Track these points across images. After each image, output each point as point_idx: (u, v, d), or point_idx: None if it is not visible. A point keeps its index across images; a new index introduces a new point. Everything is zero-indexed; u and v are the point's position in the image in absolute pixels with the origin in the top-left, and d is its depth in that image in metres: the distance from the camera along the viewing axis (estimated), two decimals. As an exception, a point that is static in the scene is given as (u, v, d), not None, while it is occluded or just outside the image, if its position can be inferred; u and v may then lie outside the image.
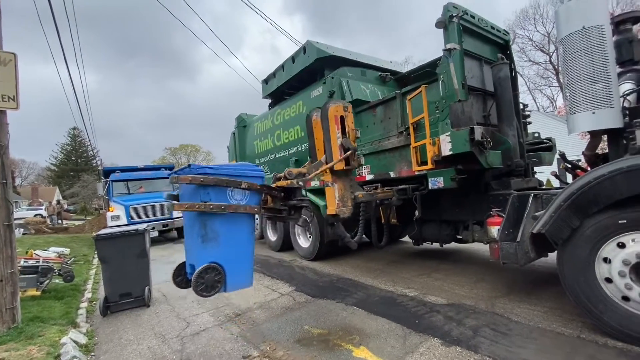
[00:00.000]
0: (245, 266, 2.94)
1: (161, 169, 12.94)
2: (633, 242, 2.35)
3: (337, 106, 3.68)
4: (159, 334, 3.40)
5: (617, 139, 2.84)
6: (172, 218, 10.65)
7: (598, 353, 2.38)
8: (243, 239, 2.94)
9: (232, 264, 2.76)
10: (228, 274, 2.71)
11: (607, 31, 2.73)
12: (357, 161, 3.72)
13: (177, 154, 51.57)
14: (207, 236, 2.71)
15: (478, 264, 5.03)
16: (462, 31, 3.71)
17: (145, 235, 4.50)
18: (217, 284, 2.65)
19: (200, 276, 2.56)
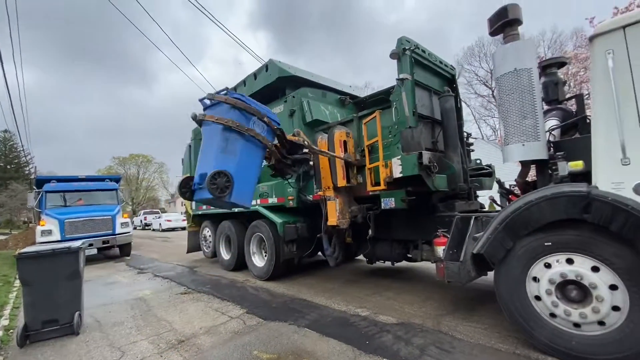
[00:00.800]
0: (249, 188, 3.42)
1: (106, 180, 11.96)
2: (557, 262, 2.60)
3: (341, 132, 4.50)
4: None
5: (543, 168, 3.19)
6: (114, 234, 9.79)
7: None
8: (254, 166, 3.46)
9: (240, 181, 3.17)
10: (235, 186, 3.12)
11: (535, 74, 3.11)
12: (356, 179, 4.52)
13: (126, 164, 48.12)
14: (227, 149, 3.21)
15: (427, 282, 5.24)
16: (413, 63, 3.99)
17: (80, 254, 4.06)
18: (226, 189, 3.06)
19: (214, 177, 3.00)
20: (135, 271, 7.93)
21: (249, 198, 3.51)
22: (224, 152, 3.25)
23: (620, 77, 2.38)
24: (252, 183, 3.50)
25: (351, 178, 4.51)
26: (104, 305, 5.00)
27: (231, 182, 3.13)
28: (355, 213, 4.59)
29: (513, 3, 3.19)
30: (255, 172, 3.54)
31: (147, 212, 32.71)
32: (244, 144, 3.39)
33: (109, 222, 9.81)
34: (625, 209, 2.24)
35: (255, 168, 3.54)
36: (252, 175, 3.48)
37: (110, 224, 9.82)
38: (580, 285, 2.50)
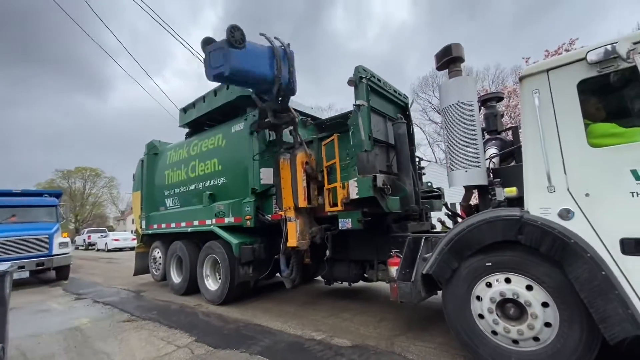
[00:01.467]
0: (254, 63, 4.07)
1: (44, 195, 10.88)
2: (497, 282, 2.78)
3: (303, 154, 4.63)
4: None
5: (484, 193, 3.45)
6: (50, 255, 8.83)
7: None
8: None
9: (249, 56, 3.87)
10: (247, 49, 3.76)
11: (475, 106, 3.41)
12: (317, 200, 4.60)
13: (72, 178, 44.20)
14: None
15: (382, 302, 5.31)
16: (369, 91, 4.19)
17: (5, 278, 3.57)
18: (242, 41, 3.63)
19: (232, 30, 3.55)
20: (72, 297, 7.15)
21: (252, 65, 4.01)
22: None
23: (544, 114, 2.68)
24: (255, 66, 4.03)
25: (312, 199, 4.54)
26: (33, 336, 4.42)
27: (244, 41, 3.70)
28: (314, 234, 4.59)
29: (456, 43, 3.53)
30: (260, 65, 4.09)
31: (92, 231, 30.04)
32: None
33: (44, 242, 8.85)
34: (552, 232, 2.47)
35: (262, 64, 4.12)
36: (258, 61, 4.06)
37: (46, 244, 8.86)
38: (517, 303, 2.68)
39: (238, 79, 4.18)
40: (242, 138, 5.58)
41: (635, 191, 2.24)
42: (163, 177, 7.31)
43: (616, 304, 2.22)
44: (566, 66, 2.60)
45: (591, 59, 2.42)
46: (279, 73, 4.21)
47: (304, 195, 4.46)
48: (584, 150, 2.49)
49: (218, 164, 5.95)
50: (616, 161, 2.34)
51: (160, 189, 7.41)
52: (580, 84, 2.53)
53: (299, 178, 4.47)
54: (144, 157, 7.92)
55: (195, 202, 6.42)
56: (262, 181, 5.28)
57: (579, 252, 2.37)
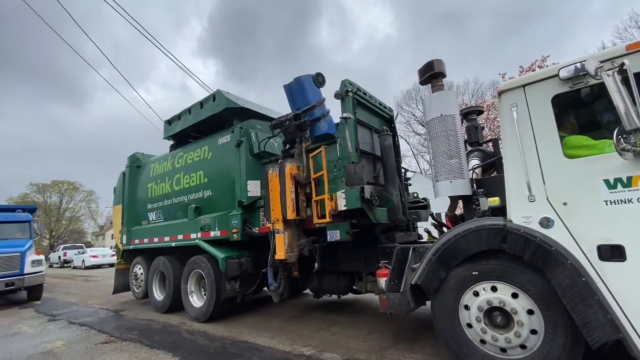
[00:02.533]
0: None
1: (17, 210, 10.38)
2: (484, 290, 2.83)
3: (292, 165, 4.55)
4: None
5: (469, 204, 3.54)
6: (21, 274, 8.38)
7: None
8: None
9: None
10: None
11: (457, 119, 3.53)
12: (305, 212, 4.54)
13: (47, 192, 42.40)
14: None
15: (371, 315, 5.28)
16: (355, 104, 4.28)
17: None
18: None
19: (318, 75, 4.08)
20: (45, 318, 6.76)
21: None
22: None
23: (522, 127, 2.81)
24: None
25: (301, 210, 4.52)
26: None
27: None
28: (302, 246, 4.55)
29: (438, 59, 3.68)
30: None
31: (68, 247, 28.71)
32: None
33: (16, 260, 8.41)
34: (534, 240, 2.55)
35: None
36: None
37: (17, 263, 8.42)
38: (504, 311, 2.73)
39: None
40: (228, 150, 5.55)
41: (608, 199, 2.36)
42: (146, 190, 7.14)
43: (596, 309, 2.29)
44: (541, 82, 2.75)
45: (563, 75, 2.57)
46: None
47: (292, 207, 4.40)
48: (560, 161, 2.61)
49: (204, 176, 5.87)
50: (590, 171, 2.46)
51: (142, 202, 7.22)
52: (555, 99, 2.67)
53: (288, 189, 4.43)
54: (126, 169, 7.73)
55: (180, 215, 6.29)
56: (249, 193, 5.24)
57: (560, 259, 2.46)
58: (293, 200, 4.44)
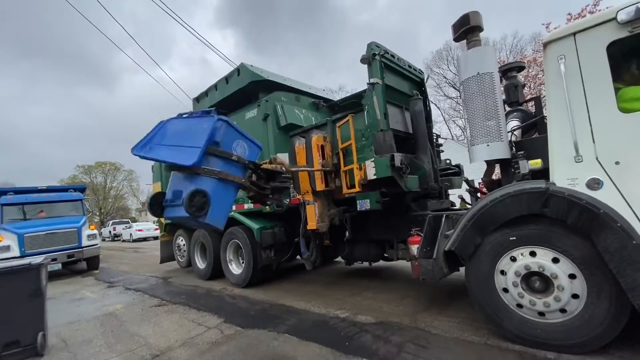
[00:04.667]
0: (225, 210, 3.32)
1: (69, 190, 11.31)
2: (522, 255, 2.75)
3: (319, 137, 4.43)
4: None
5: (507, 167, 3.37)
6: (80, 247, 9.27)
7: (501, 357, 2.67)
8: (231, 188, 3.38)
9: (217, 201, 3.06)
10: (212, 206, 3.02)
11: (496, 77, 3.28)
12: (334, 183, 4.50)
13: (92, 173, 45.60)
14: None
15: (403, 281, 5.36)
16: (383, 68, 4.09)
17: (41, 270, 3.82)
18: (202, 208, 2.97)
19: (192, 195, 2.90)
20: (104, 285, 7.54)
21: (224, 219, 3.38)
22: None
23: (571, 81, 2.56)
24: (228, 204, 3.43)
25: (330, 182, 4.54)
26: (71, 323, 4.72)
27: (208, 202, 3.02)
28: (333, 216, 4.61)
29: (474, 11, 3.37)
30: (232, 194, 3.45)
31: (116, 222, 31.22)
32: (223, 166, 3.29)
33: (73, 235, 9.28)
34: (580, 203, 2.41)
35: (233, 190, 3.45)
36: (229, 197, 3.40)
37: (75, 237, 9.29)
38: (543, 276, 2.66)
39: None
40: (256, 124, 5.59)
41: (670, 157, 2.15)
42: (181, 167, 7.46)
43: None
44: (594, 28, 2.46)
45: (622, 18, 2.28)
46: (237, 180, 3.60)
47: (321, 179, 4.40)
48: (614, 117, 2.38)
49: (234, 151, 6.01)
50: (649, 126, 2.23)
51: (179, 179, 7.58)
52: (610, 46, 2.40)
53: (315, 161, 4.40)
54: (161, 148, 8.07)
55: (214, 190, 6.55)
56: (278, 166, 5.32)
57: (608, 222, 2.32)
58: (322, 171, 4.44)
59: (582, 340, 2.48)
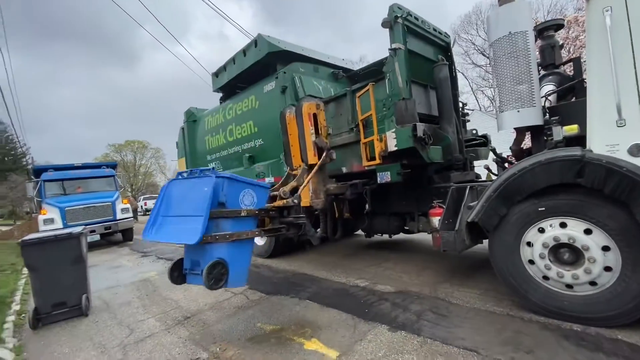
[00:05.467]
0: (244, 267, 3.12)
1: (102, 167, 11.91)
2: (551, 227, 2.64)
3: (311, 104, 3.99)
4: (99, 344, 3.15)
5: (538, 135, 3.16)
6: (115, 220, 9.88)
7: (524, 328, 2.64)
8: (247, 244, 3.15)
9: (235, 264, 2.93)
10: (231, 272, 2.88)
11: (530, 37, 3.01)
12: (329, 156, 4.07)
13: (122, 151, 47.68)
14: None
15: (423, 253, 5.34)
16: (406, 32, 3.86)
17: (81, 239, 4.12)
18: (221, 279, 2.83)
19: (210, 270, 2.75)
20: (138, 255, 8.06)
21: (244, 278, 3.14)
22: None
23: (617, 36, 2.31)
24: (247, 262, 3.19)
25: (324, 155, 4.03)
26: (111, 287, 5.12)
27: (227, 271, 2.87)
28: (332, 192, 4.20)
29: (508, -39, 3.05)
30: (248, 249, 3.21)
31: (147, 198, 32.89)
32: (234, 224, 2.99)
33: (108, 209, 9.87)
34: (620, 170, 2.24)
35: (249, 244, 3.21)
36: (246, 254, 3.17)
37: (110, 210, 9.89)
38: (572, 248, 2.55)
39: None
40: (274, 97, 5.53)
41: None
42: (204, 143, 7.61)
43: (693, 245, 2.02)
44: (650, -28, 2.17)
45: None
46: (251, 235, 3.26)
47: (313, 151, 3.97)
48: (665, 75, 2.14)
49: (254, 125, 6.02)
50: None
51: (202, 154, 7.75)
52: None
53: (307, 132, 3.96)
54: (184, 124, 8.22)
55: (237, 164, 6.65)
56: (298, 139, 5.29)
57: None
58: (314, 142, 4.03)
59: (612, 314, 2.40)
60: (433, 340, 2.58)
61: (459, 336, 2.60)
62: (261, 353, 2.67)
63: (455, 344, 2.48)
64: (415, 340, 2.62)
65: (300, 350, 2.65)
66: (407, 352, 2.45)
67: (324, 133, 4.11)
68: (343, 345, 2.66)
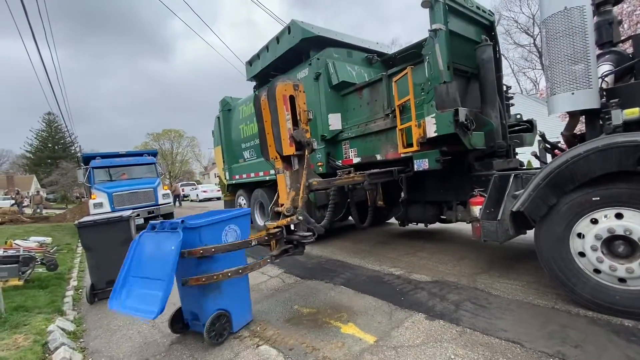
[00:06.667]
0: (246, 304, 3.05)
1: (144, 154, 12.62)
2: (605, 218, 2.47)
3: (286, 84, 3.39)
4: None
5: (594, 119, 2.93)
6: (157, 205, 10.49)
7: (571, 322, 2.53)
8: (243, 280, 3.01)
9: (235, 304, 2.86)
10: (233, 316, 2.81)
11: (588, 12, 2.76)
12: (310, 148, 3.49)
13: (160, 140, 50.14)
14: (209, 287, 2.65)
15: (460, 243, 5.21)
16: (447, 11, 3.68)
17: (130, 222, 4.44)
18: (226, 325, 2.74)
19: (212, 324, 2.62)
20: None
21: (249, 311, 3.08)
22: (208, 291, 2.69)
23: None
24: (247, 297, 3.05)
25: (304, 145, 3.49)
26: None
27: (229, 319, 2.76)
28: (315, 188, 3.71)
29: None
30: (246, 284, 3.04)
31: (184, 185, 34.55)
32: (222, 264, 2.74)
33: (151, 194, 10.49)
34: (689, 157, 2.04)
35: (245, 281, 3.03)
36: (245, 289, 3.02)
37: (152, 196, 10.51)
38: (628, 240, 2.38)
39: None
40: (308, 85, 5.53)
41: None
42: (238, 132, 7.82)
43: None
44: None
45: None
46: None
47: (289, 139, 3.39)
48: None
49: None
50: None
51: (237, 142, 7.98)
52: None
53: (282, 118, 3.35)
54: (219, 113, 8.48)
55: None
56: (330, 127, 5.29)
57: None
58: (290, 130, 3.40)
59: None
60: (473, 330, 2.54)
61: (500, 327, 2.54)
62: (299, 334, 2.75)
63: (496, 335, 2.43)
64: (455, 329, 2.59)
65: (338, 333, 2.71)
66: (445, 341, 2.43)
67: (304, 118, 3.51)
68: (380, 330, 2.68)
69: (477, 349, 2.30)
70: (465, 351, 2.27)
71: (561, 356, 2.11)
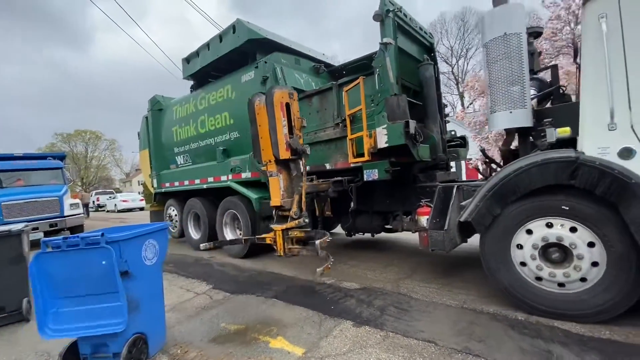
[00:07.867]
0: (162, 324, 2.74)
1: (48, 157, 10.68)
2: (539, 228, 2.66)
3: (283, 92, 3.64)
4: (42, 352, 2.75)
5: (525, 136, 3.22)
6: (62, 216, 8.86)
7: (476, 319, 2.78)
8: (160, 296, 2.72)
9: (153, 329, 2.54)
10: (150, 339, 2.48)
11: (524, 39, 3.05)
12: (306, 154, 3.75)
13: (72, 141, 43.56)
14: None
15: (388, 251, 5.40)
16: (396, 27, 3.78)
17: (22, 237, 3.56)
18: (143, 349, 2.39)
19: (128, 354, 2.23)
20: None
21: (164, 334, 2.72)
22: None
23: (611, 42, 2.37)
24: (162, 311, 2.72)
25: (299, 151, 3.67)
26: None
27: (147, 343, 2.42)
28: (309, 189, 3.91)
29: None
30: (161, 298, 2.73)
31: (99, 193, 30.41)
32: (144, 283, 2.45)
33: (55, 204, 8.83)
34: (612, 172, 2.30)
35: (161, 293, 2.72)
36: (161, 302, 2.70)
37: (57, 206, 8.85)
38: (561, 247, 2.59)
39: None
40: (253, 88, 5.21)
41: None
42: (171, 134, 7.05)
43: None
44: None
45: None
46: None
47: (285, 145, 3.59)
48: (655, 82, 2.22)
49: (230, 117, 5.66)
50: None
51: (169, 146, 7.18)
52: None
53: (279, 124, 3.56)
54: (148, 113, 7.57)
55: (208, 158, 6.22)
56: (277, 134, 5.03)
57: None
58: (286, 135, 3.60)
59: (605, 306, 2.45)
60: (395, 333, 2.63)
61: (418, 329, 2.67)
62: (225, 353, 2.51)
63: (415, 337, 2.55)
64: (379, 334, 2.65)
65: (266, 349, 2.54)
66: (370, 346, 2.47)
67: (298, 125, 3.72)
68: (309, 342, 2.60)
69: (398, 351, 2.38)
70: (388, 354, 2.34)
71: (468, 351, 2.31)
